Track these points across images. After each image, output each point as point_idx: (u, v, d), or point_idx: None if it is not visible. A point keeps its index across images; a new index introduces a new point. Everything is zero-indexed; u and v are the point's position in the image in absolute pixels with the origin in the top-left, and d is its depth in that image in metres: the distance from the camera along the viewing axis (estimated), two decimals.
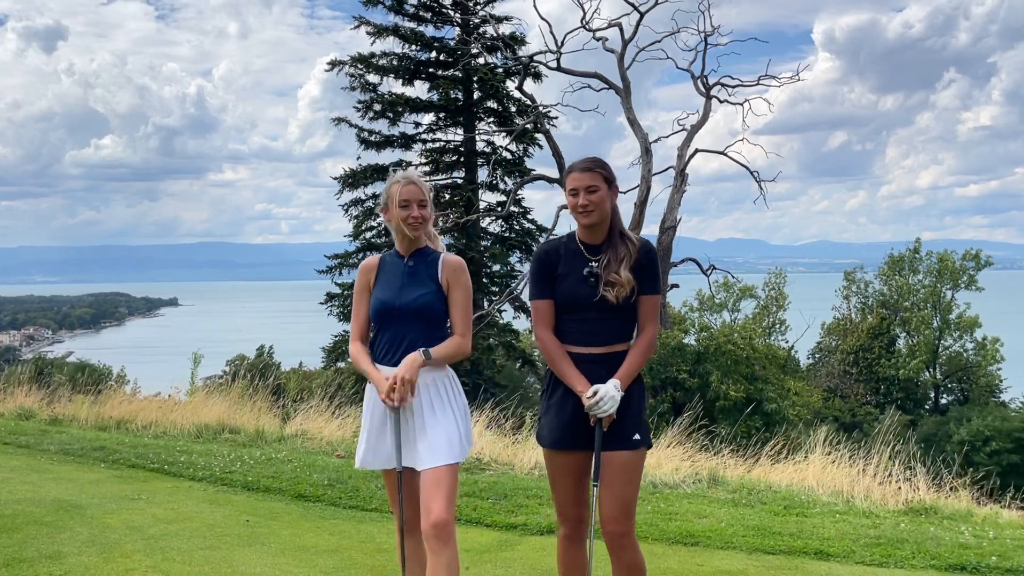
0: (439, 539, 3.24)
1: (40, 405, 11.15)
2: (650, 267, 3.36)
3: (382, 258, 3.57)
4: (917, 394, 41.72)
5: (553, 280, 3.37)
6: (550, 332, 3.37)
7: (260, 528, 5.51)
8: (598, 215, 3.32)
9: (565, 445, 3.38)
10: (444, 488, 3.30)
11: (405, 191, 3.43)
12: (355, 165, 25.75)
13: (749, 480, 7.50)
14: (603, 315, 3.30)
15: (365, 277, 3.55)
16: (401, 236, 3.50)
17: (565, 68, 20.63)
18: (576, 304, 3.32)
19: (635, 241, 3.36)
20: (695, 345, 34.88)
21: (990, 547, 5.34)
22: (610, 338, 3.32)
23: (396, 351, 3.42)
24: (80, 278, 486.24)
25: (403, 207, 3.43)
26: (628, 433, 3.32)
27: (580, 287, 3.31)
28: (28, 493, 6.28)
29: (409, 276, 3.47)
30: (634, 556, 3.35)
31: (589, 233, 3.37)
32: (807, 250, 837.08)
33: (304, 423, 9.74)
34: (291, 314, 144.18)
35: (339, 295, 26.75)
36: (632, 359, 3.31)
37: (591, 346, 3.32)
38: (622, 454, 3.31)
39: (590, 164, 3.35)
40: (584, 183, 3.31)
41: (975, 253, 42.14)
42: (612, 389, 3.22)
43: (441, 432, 3.38)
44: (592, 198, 3.30)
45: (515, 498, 6.35)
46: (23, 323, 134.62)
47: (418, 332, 3.42)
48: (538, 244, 25.27)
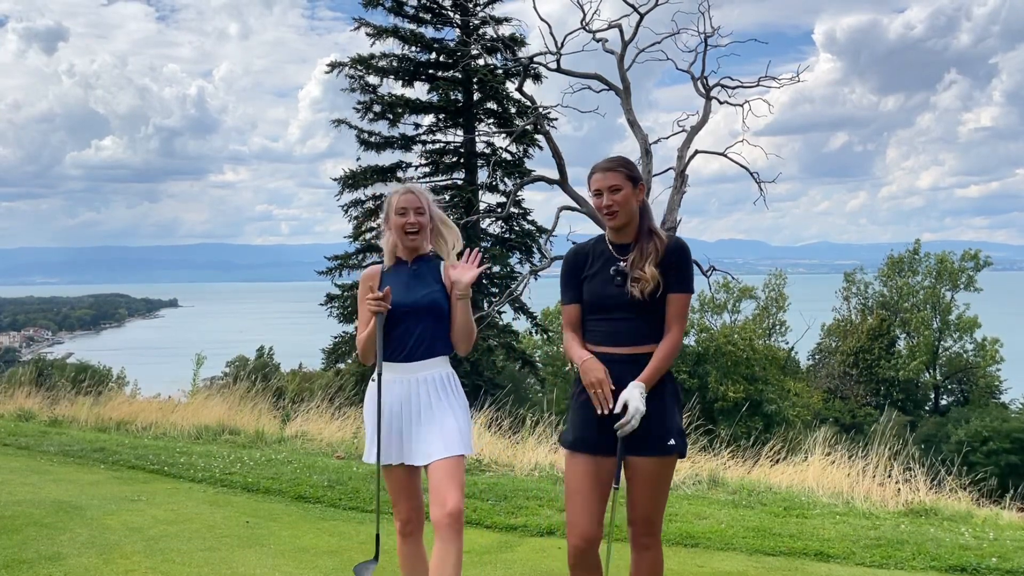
0: (453, 528, 3.27)
1: (40, 406, 11.16)
2: (679, 265, 3.22)
3: (382, 268, 3.65)
4: (917, 395, 41.76)
5: (580, 283, 3.31)
6: (573, 331, 3.32)
7: (260, 529, 5.51)
8: (624, 216, 3.23)
9: (585, 448, 3.23)
10: (457, 479, 3.35)
11: (402, 199, 3.52)
12: (355, 166, 25.77)
13: (749, 481, 7.51)
14: (629, 315, 3.19)
15: (367, 284, 3.61)
16: (401, 243, 3.56)
17: (565, 69, 20.62)
18: (602, 304, 3.24)
19: (663, 238, 3.25)
20: (695, 346, 34.92)
21: (990, 548, 5.34)
22: (637, 339, 3.20)
23: (404, 346, 3.49)
24: (80, 279, 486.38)
25: (400, 214, 3.52)
26: (661, 437, 3.17)
27: (606, 287, 3.23)
28: (28, 494, 6.28)
29: (414, 277, 3.56)
30: (657, 555, 3.30)
31: (617, 233, 3.30)
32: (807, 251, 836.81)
33: (304, 424, 9.75)
34: (290, 315, 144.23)
35: (339, 296, 26.74)
36: (657, 360, 3.16)
37: (617, 346, 3.20)
38: (651, 460, 3.17)
39: (612, 164, 3.27)
40: (607, 183, 3.22)
41: (974, 254, 42.19)
42: (636, 396, 3.09)
43: (452, 423, 3.44)
44: (616, 198, 3.21)
45: (515, 499, 6.35)
46: (23, 324, 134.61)
47: (424, 327, 3.50)
48: (538, 245, 25.29)
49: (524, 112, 24.41)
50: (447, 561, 3.25)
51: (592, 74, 20.71)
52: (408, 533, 3.57)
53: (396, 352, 3.50)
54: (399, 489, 3.53)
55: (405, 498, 3.54)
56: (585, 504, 3.20)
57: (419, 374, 3.48)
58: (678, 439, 3.20)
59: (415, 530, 3.56)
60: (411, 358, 3.48)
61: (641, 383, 3.11)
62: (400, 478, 3.52)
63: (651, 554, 3.28)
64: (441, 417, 3.45)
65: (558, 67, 20.68)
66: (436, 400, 3.48)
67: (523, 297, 21.84)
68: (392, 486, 3.56)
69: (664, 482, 3.24)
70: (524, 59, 22.48)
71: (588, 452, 3.22)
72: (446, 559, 3.25)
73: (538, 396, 30.08)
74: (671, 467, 3.26)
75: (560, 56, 20.34)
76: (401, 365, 3.48)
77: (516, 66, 23.28)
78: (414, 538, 3.57)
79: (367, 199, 25.82)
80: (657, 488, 3.22)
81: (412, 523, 3.56)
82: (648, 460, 3.17)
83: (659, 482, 3.22)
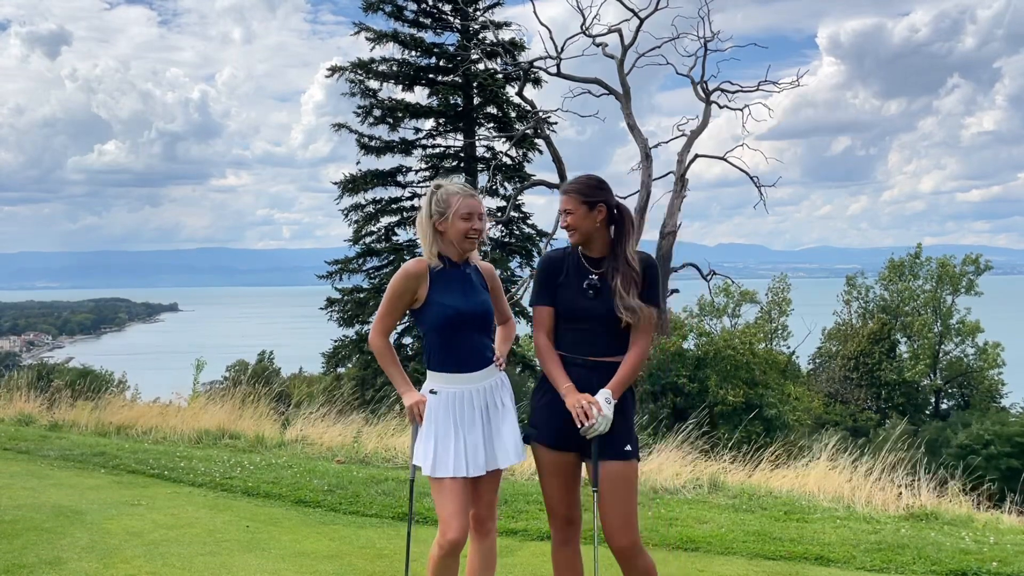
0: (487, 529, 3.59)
1: (40, 411, 11.14)
2: (650, 282, 3.39)
3: (429, 265, 3.49)
4: (918, 399, 41.70)
5: (555, 288, 3.43)
6: (545, 336, 3.44)
7: (260, 534, 5.50)
8: (579, 235, 3.41)
9: (554, 444, 3.40)
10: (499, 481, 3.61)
11: (469, 203, 3.44)
12: (355, 170, 25.79)
13: (750, 485, 7.50)
14: (599, 326, 3.36)
15: (413, 281, 3.45)
16: (453, 246, 3.48)
17: (565, 74, 20.67)
18: (573, 315, 3.39)
19: (637, 266, 3.37)
20: (694, 350, 34.89)
21: (991, 552, 5.33)
22: (605, 349, 3.37)
23: (471, 355, 3.48)
24: (81, 284, 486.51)
25: (465, 219, 3.43)
26: (620, 443, 3.33)
27: (579, 298, 3.38)
28: (28, 499, 6.27)
29: (467, 283, 3.52)
30: (645, 562, 3.40)
31: (586, 247, 3.45)
32: (808, 255, 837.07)
33: (304, 429, 9.73)
34: (291, 319, 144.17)
35: (339, 300, 26.74)
36: (624, 370, 3.33)
37: (584, 354, 3.37)
38: (616, 464, 3.33)
39: (569, 187, 3.43)
40: (561, 206, 3.43)
41: (975, 258, 42.18)
42: (604, 403, 3.25)
43: (516, 427, 3.55)
44: (568, 220, 3.40)
45: (515, 504, 6.35)
46: (23, 329, 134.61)
47: (484, 336, 3.56)
48: (539, 249, 25.31)
49: (524, 116, 24.45)
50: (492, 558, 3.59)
51: (592, 79, 20.75)
52: (451, 550, 3.38)
53: (472, 364, 3.48)
54: (467, 502, 3.42)
55: (458, 512, 3.39)
56: (560, 494, 3.45)
57: (486, 382, 3.51)
58: (633, 445, 3.40)
59: (459, 545, 3.40)
60: (479, 367, 3.49)
61: (609, 391, 3.29)
62: (468, 490, 3.43)
63: (640, 562, 3.38)
64: (509, 420, 3.53)
65: (558, 71, 20.73)
66: (504, 402, 3.55)
67: (523, 301, 21.84)
68: (464, 499, 3.40)
69: (631, 486, 3.38)
70: (524, 64, 22.53)
71: (554, 447, 3.41)
72: (491, 556, 3.58)
73: None
74: (634, 472, 3.41)
75: (560, 61, 20.40)
76: (470, 375, 3.47)
77: (516, 70, 23.32)
78: (451, 556, 3.39)
79: (367, 203, 25.84)
80: (626, 493, 3.35)
81: (460, 540, 3.39)
82: (614, 464, 3.34)
83: (627, 486, 3.36)
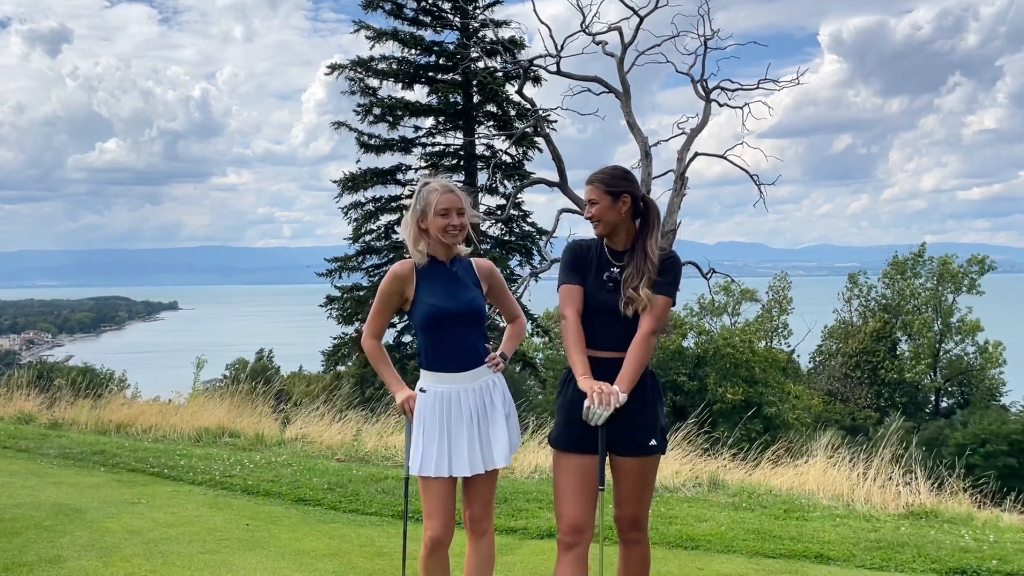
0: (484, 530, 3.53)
1: (40, 409, 11.13)
2: (665, 273, 3.32)
3: (415, 265, 3.47)
4: (918, 398, 41.70)
5: (583, 272, 3.37)
6: (574, 313, 3.31)
7: (260, 532, 5.51)
8: (604, 226, 3.36)
9: (571, 447, 3.30)
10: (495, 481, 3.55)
11: (445, 199, 3.39)
12: (355, 169, 25.77)
13: (749, 484, 7.50)
14: (617, 320, 3.29)
15: (399, 283, 3.44)
16: (439, 244, 3.45)
17: (565, 72, 20.65)
18: (592, 307, 3.32)
19: (655, 260, 3.31)
20: (694, 349, 34.90)
21: (990, 551, 5.34)
22: (620, 344, 3.28)
23: (458, 354, 3.43)
24: (81, 282, 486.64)
25: (442, 215, 3.39)
26: (643, 438, 3.29)
27: (599, 291, 3.32)
28: (28, 497, 6.27)
29: (453, 280, 3.47)
30: (645, 550, 3.45)
31: (609, 239, 3.41)
32: (808, 254, 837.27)
33: (304, 427, 9.73)
34: (290, 318, 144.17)
35: (339, 298, 26.73)
36: (629, 360, 3.23)
37: (601, 350, 3.30)
38: (634, 460, 3.30)
39: (595, 176, 3.38)
40: (587, 196, 3.39)
41: (980, 258, 42.09)
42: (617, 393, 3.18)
43: (511, 428, 3.52)
44: (593, 211, 3.36)
45: (515, 502, 6.35)
46: (23, 327, 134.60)
47: (474, 333, 3.48)
48: (538, 247, 25.29)
49: (524, 115, 24.43)
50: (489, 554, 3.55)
51: (592, 77, 20.73)
52: (438, 548, 3.41)
53: (455, 362, 3.43)
54: (450, 501, 3.41)
55: (443, 510, 3.40)
56: (574, 498, 3.28)
57: (477, 382, 3.45)
58: (659, 438, 3.34)
59: (446, 542, 3.43)
60: (468, 367, 3.44)
61: (616, 386, 3.20)
62: (451, 489, 3.42)
63: (639, 548, 3.43)
64: (503, 422, 3.48)
65: (558, 70, 20.71)
66: (500, 404, 3.49)
67: (523, 299, 21.83)
68: (446, 498, 3.41)
69: (649, 480, 3.39)
70: (524, 62, 22.50)
71: (574, 450, 3.31)
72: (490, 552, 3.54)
73: (538, 398, 30.08)
74: (654, 466, 3.40)
75: (560, 59, 20.37)
76: (458, 375, 3.42)
77: (516, 69, 23.30)
78: (440, 553, 3.43)
79: (367, 201, 25.84)
80: (642, 486, 3.36)
81: (446, 537, 3.42)
82: (633, 460, 3.31)
83: (644, 480, 3.36)
